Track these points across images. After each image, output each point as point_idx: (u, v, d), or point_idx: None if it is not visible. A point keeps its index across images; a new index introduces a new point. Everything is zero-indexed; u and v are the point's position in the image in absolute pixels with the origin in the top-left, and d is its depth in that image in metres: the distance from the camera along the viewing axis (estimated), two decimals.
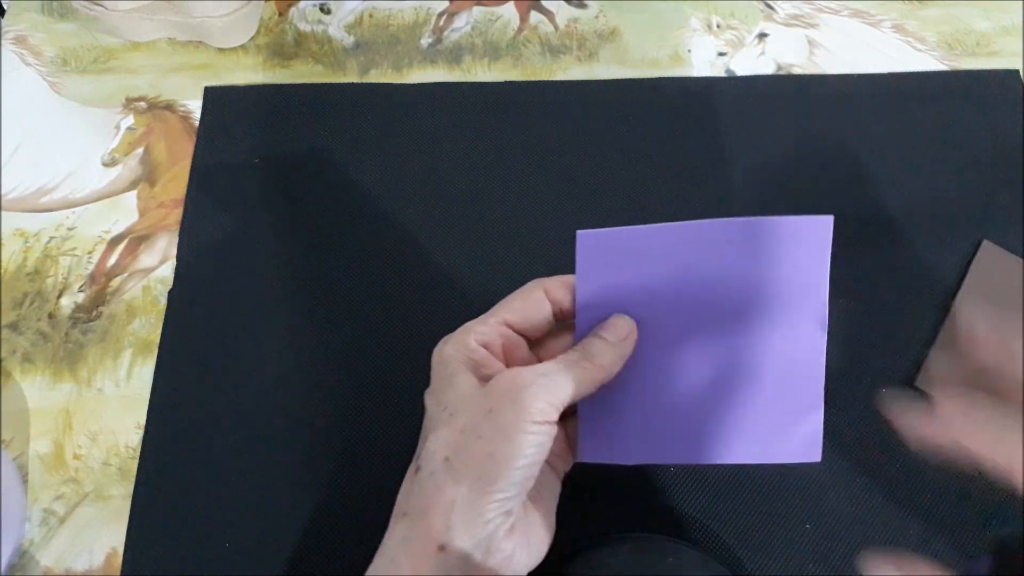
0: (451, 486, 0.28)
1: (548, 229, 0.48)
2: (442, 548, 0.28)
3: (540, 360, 0.33)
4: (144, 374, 0.44)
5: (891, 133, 0.52)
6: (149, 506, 0.41)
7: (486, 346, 0.32)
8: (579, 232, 0.31)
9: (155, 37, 0.56)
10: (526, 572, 0.30)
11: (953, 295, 0.46)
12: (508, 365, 0.32)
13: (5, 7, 0.58)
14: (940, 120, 0.52)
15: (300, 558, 0.39)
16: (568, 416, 0.33)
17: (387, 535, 0.30)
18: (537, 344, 0.34)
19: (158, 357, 0.45)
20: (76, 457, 0.42)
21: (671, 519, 0.40)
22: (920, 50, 0.56)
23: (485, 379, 0.31)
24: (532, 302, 0.33)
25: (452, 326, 0.45)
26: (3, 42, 0.56)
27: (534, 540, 0.30)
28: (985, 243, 0.47)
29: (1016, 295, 0.46)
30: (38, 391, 0.44)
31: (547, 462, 0.32)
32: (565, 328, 0.34)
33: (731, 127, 0.52)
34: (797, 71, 0.55)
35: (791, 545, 0.40)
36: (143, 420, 0.43)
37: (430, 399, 0.32)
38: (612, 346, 0.31)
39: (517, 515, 0.29)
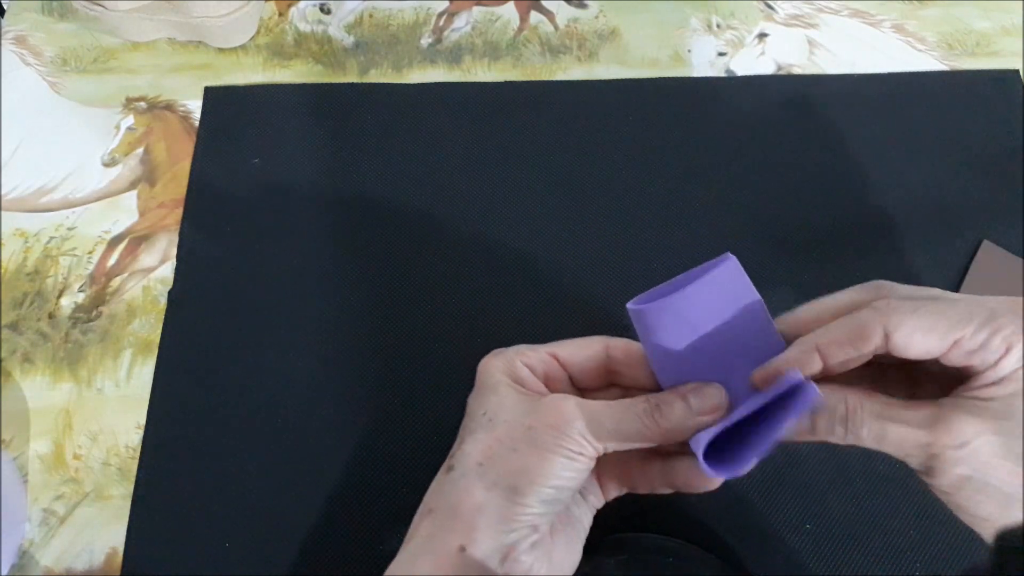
0: (481, 490, 0.29)
1: (548, 228, 0.48)
2: (463, 548, 0.28)
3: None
4: (144, 374, 0.44)
5: (891, 133, 0.52)
6: (149, 506, 0.41)
7: (530, 367, 0.32)
8: (630, 308, 0.30)
9: (155, 37, 0.56)
10: None
11: None
12: (550, 391, 0.32)
13: (5, 7, 0.58)
14: (940, 120, 0.52)
15: (300, 558, 0.39)
16: (619, 459, 0.33)
17: (411, 531, 0.30)
18: (587, 392, 0.34)
19: (158, 357, 0.45)
20: (76, 457, 0.42)
21: (672, 519, 0.40)
22: (920, 50, 0.56)
23: (527, 394, 0.31)
24: (589, 350, 0.32)
25: (452, 326, 0.45)
26: (3, 42, 0.56)
27: (556, 562, 0.30)
28: (985, 243, 0.47)
29: (1016, 295, 0.46)
30: (38, 391, 0.44)
31: (580, 493, 0.32)
32: (618, 385, 0.33)
33: (731, 127, 0.52)
34: (797, 71, 0.55)
35: (791, 545, 0.40)
36: (143, 420, 0.43)
37: (473, 402, 0.32)
38: (691, 415, 0.29)
39: (543, 533, 0.29)
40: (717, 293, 0.30)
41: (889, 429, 0.26)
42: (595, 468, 0.31)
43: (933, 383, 0.29)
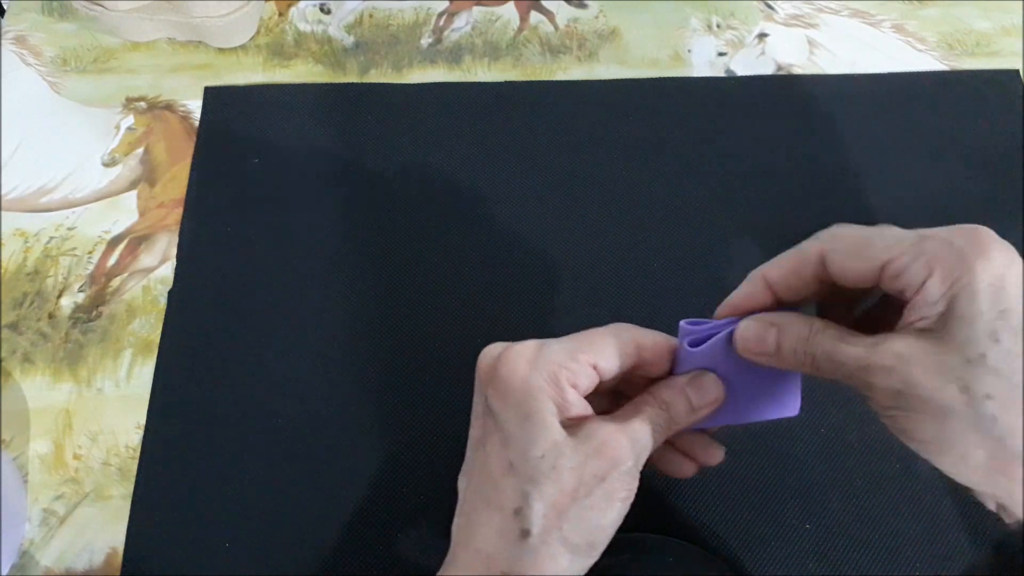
0: (565, 556, 0.27)
1: (548, 228, 0.48)
2: None
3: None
4: (144, 374, 0.44)
5: (891, 133, 0.52)
6: (149, 506, 0.41)
7: (574, 385, 0.28)
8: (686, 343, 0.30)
9: (155, 37, 0.56)
10: None
11: None
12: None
13: (5, 7, 0.58)
14: (940, 120, 0.52)
15: (300, 558, 0.39)
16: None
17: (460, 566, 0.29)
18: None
19: (158, 357, 0.45)
20: (76, 457, 0.42)
21: (672, 519, 0.40)
22: (920, 50, 0.56)
23: (567, 421, 0.28)
24: (624, 353, 0.30)
25: (452, 325, 0.45)
26: (3, 42, 0.56)
27: None
28: None
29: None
30: (38, 391, 0.44)
31: None
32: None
33: (731, 127, 0.52)
34: (797, 71, 0.55)
35: (791, 545, 0.40)
36: (143, 420, 0.43)
37: (515, 429, 0.28)
38: (692, 411, 0.30)
39: None
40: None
41: (839, 349, 0.26)
42: None
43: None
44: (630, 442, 0.28)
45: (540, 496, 0.27)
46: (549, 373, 0.28)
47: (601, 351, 0.29)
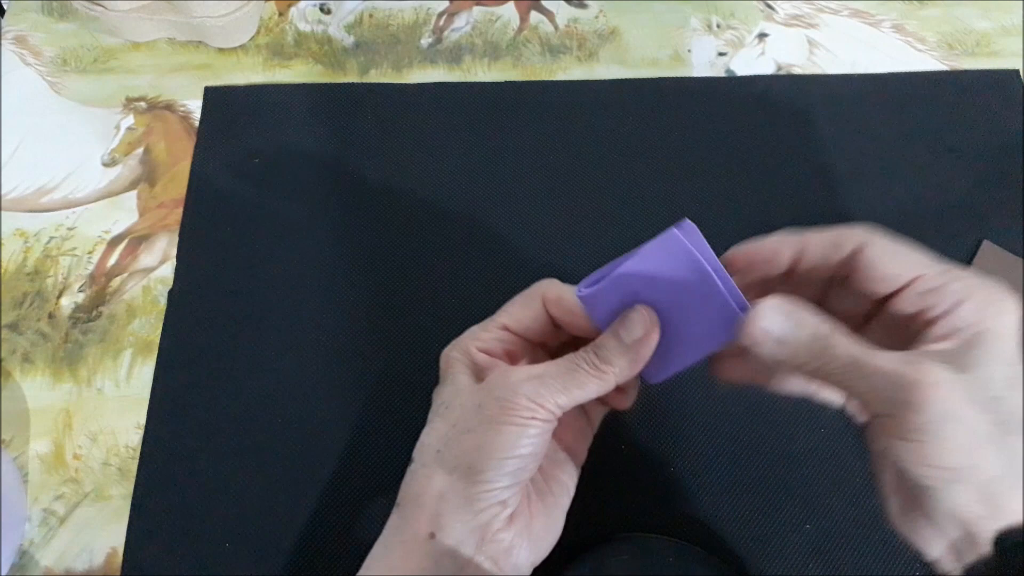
0: (441, 476, 0.29)
1: (548, 228, 0.48)
2: (432, 536, 0.29)
3: None
4: (144, 374, 0.44)
5: (891, 133, 0.52)
6: (149, 506, 0.41)
7: (487, 352, 0.32)
8: (673, 232, 0.29)
9: (155, 37, 0.56)
10: (530, 568, 0.30)
11: None
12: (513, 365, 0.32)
13: (5, 7, 0.58)
14: (940, 120, 0.52)
15: (300, 558, 0.39)
16: (580, 414, 0.34)
17: (385, 525, 0.31)
18: (556, 350, 0.34)
19: (158, 357, 0.45)
20: (76, 457, 0.42)
21: (672, 519, 0.40)
22: (920, 50, 0.56)
23: (481, 380, 0.31)
24: (530, 309, 0.32)
25: (452, 325, 0.45)
26: (3, 42, 0.56)
27: (537, 533, 0.30)
28: (985, 243, 0.47)
29: (1016, 295, 0.46)
30: (38, 391, 0.44)
31: (557, 456, 0.32)
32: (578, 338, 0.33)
33: (731, 127, 0.52)
34: (797, 71, 0.55)
35: (791, 545, 0.40)
36: (143, 420, 0.43)
37: (434, 395, 0.33)
38: (627, 349, 0.29)
39: (516, 507, 0.29)
40: (661, 263, 0.29)
41: (870, 358, 0.26)
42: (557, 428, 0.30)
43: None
44: (522, 375, 0.29)
45: (429, 431, 0.31)
46: (461, 347, 0.32)
47: (509, 313, 0.33)
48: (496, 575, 0.29)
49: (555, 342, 0.34)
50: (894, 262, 0.27)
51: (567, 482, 0.33)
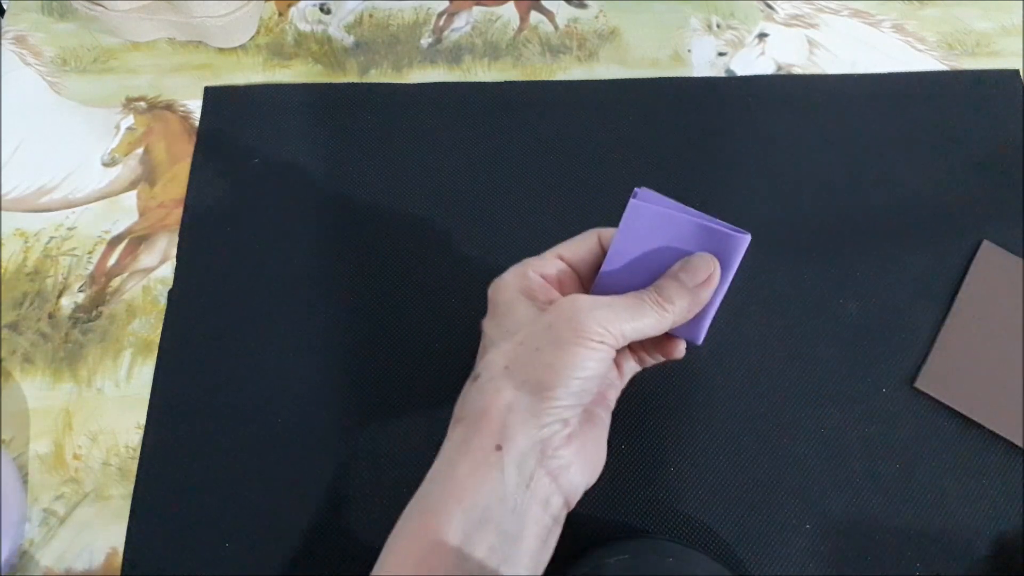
0: (510, 390, 0.30)
1: (548, 228, 0.48)
2: (499, 447, 0.29)
3: None
4: (144, 374, 0.44)
5: (891, 133, 0.52)
6: (149, 506, 0.41)
7: (543, 276, 0.34)
8: (632, 201, 0.33)
9: (155, 37, 0.56)
10: (583, 489, 0.32)
11: (953, 295, 0.46)
12: (563, 295, 0.34)
13: (5, 7, 0.58)
14: (940, 120, 0.52)
15: (300, 558, 0.39)
16: (623, 352, 0.36)
17: (445, 442, 0.31)
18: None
19: (158, 357, 0.45)
20: (76, 457, 0.42)
21: (672, 519, 0.40)
22: (920, 50, 0.56)
23: (542, 306, 0.32)
24: (586, 244, 0.35)
25: (452, 325, 0.45)
26: (3, 42, 0.56)
27: (589, 457, 0.32)
28: (985, 243, 0.47)
29: (1016, 295, 0.46)
30: (38, 391, 0.44)
31: (599, 391, 0.34)
32: None
33: (731, 127, 0.52)
34: (797, 71, 0.55)
35: (791, 545, 0.40)
36: (143, 420, 0.43)
37: (489, 324, 0.33)
38: (688, 291, 0.32)
39: (575, 428, 0.31)
40: (642, 232, 0.33)
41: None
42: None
43: None
44: (592, 302, 0.31)
45: (495, 350, 0.32)
46: (519, 272, 0.34)
47: (566, 246, 0.35)
48: (554, 491, 0.30)
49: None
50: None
51: (604, 418, 0.34)
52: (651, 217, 0.33)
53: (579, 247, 0.35)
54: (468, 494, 0.29)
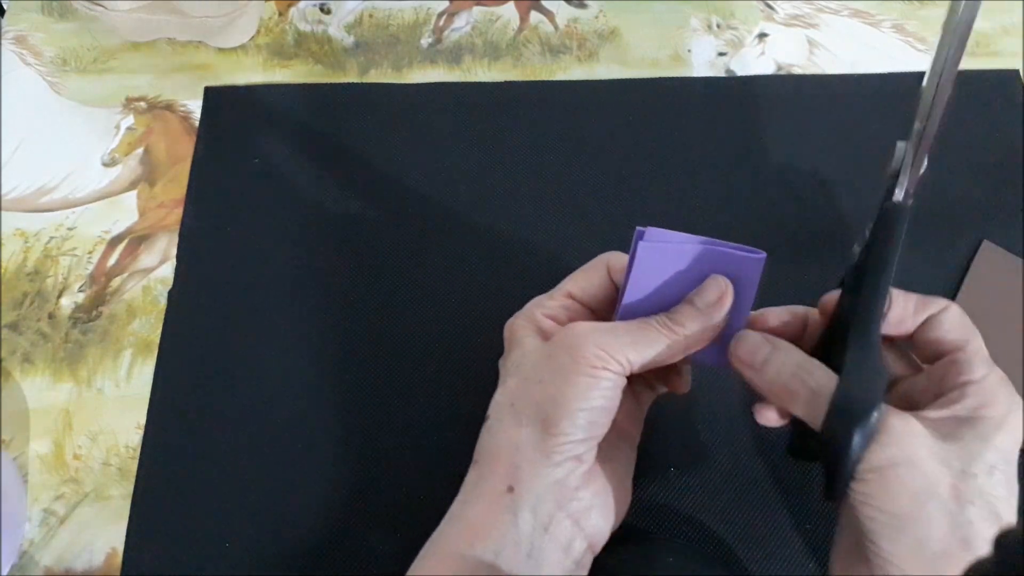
0: (515, 428, 0.29)
1: (548, 228, 0.48)
2: (511, 489, 0.28)
3: None
4: (144, 374, 0.44)
5: (891, 133, 0.52)
6: (149, 506, 0.41)
7: (552, 318, 0.33)
8: (641, 244, 0.31)
9: (155, 37, 0.56)
10: (608, 533, 0.31)
11: (953, 295, 0.46)
12: None
13: (5, 7, 0.58)
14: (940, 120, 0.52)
15: (300, 558, 0.39)
16: (639, 381, 0.35)
17: (463, 484, 0.31)
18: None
19: (158, 357, 0.45)
20: (76, 457, 0.42)
21: (671, 519, 0.40)
22: (920, 50, 0.56)
23: (547, 338, 0.32)
24: (596, 276, 0.34)
25: (453, 325, 0.45)
26: (3, 42, 0.56)
27: (613, 497, 0.31)
28: (985, 243, 0.47)
29: (1016, 295, 0.46)
30: (38, 391, 0.44)
31: (618, 425, 0.32)
32: None
33: (731, 127, 0.52)
34: (797, 71, 0.55)
35: (791, 545, 0.40)
36: (143, 420, 0.43)
37: (502, 363, 0.33)
38: (700, 312, 0.30)
39: (591, 466, 0.30)
40: (655, 270, 0.32)
41: (806, 370, 0.28)
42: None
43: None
44: (591, 327, 0.30)
45: (502, 390, 0.31)
46: (526, 314, 0.33)
47: (574, 281, 0.34)
48: (578, 536, 0.29)
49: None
50: (963, 327, 0.30)
51: (629, 454, 0.34)
52: (662, 255, 0.31)
53: (588, 281, 0.34)
54: (480, 538, 0.28)
